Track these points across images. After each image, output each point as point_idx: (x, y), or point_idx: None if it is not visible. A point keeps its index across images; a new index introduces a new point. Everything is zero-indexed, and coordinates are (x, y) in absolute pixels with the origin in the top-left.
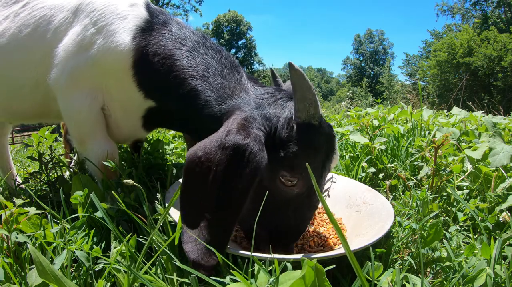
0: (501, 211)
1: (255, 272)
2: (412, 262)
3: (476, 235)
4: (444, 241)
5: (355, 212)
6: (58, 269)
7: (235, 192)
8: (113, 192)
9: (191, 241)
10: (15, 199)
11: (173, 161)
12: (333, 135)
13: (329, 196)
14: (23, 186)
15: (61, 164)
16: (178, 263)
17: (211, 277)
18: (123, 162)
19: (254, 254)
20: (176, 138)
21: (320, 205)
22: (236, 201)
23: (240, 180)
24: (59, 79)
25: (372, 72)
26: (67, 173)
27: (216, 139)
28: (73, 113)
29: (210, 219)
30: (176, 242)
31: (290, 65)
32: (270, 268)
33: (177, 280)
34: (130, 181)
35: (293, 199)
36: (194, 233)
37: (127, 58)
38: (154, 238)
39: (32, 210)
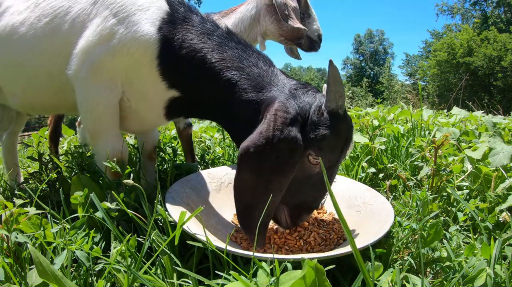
0: (501, 211)
1: (257, 277)
2: (412, 262)
3: (476, 235)
4: (444, 241)
5: (355, 212)
6: (58, 269)
7: (283, 178)
8: (113, 192)
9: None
10: (15, 199)
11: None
12: (352, 125)
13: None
14: (23, 186)
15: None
16: (179, 268)
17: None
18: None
19: (255, 254)
20: (176, 139)
21: (319, 206)
22: (282, 185)
23: (286, 168)
24: (79, 70)
25: (372, 72)
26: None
27: (264, 136)
28: (91, 105)
29: (257, 203)
30: (176, 242)
31: (331, 62)
32: (271, 267)
33: (177, 280)
34: (130, 181)
35: (313, 177)
36: (244, 217)
37: (153, 49)
38: (154, 238)
39: (32, 210)
